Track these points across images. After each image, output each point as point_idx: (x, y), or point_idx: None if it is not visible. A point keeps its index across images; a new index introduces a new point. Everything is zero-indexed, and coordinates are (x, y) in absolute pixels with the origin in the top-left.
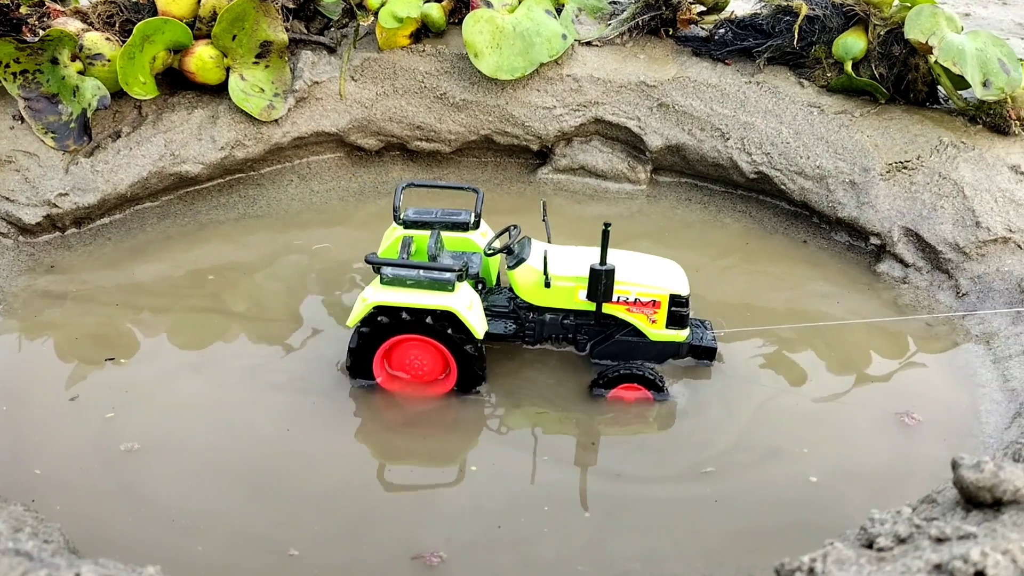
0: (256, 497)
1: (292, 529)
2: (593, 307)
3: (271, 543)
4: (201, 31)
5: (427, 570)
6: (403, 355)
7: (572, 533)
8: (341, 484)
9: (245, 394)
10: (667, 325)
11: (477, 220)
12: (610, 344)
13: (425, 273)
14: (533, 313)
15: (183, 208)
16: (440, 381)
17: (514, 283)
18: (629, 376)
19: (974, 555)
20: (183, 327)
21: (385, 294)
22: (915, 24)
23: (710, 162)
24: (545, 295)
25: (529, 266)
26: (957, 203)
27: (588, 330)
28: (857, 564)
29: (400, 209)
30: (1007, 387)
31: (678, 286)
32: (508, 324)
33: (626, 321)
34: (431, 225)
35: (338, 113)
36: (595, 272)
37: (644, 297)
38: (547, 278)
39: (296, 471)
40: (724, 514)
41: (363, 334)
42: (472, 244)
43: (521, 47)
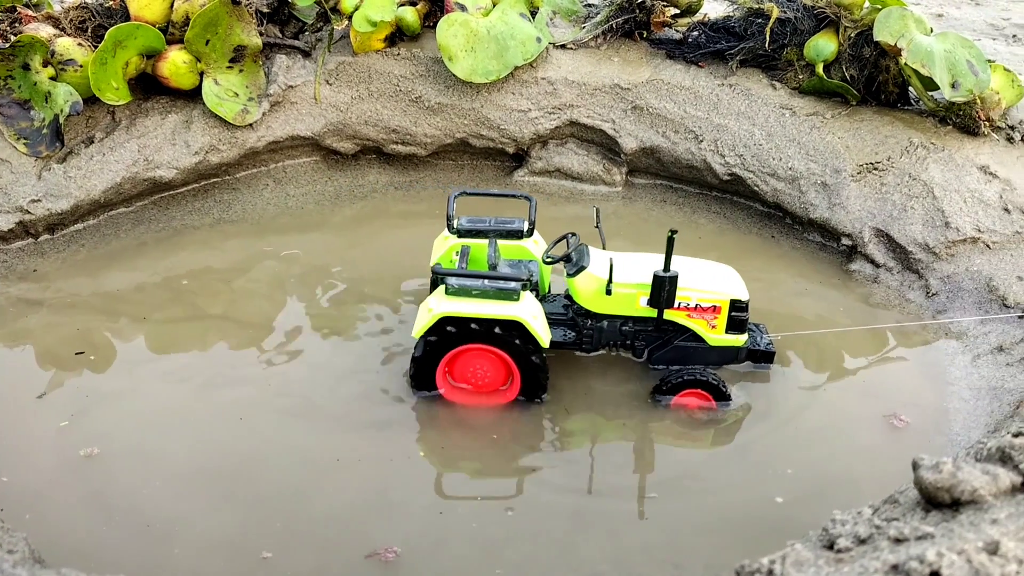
0: (225, 501)
1: (263, 532)
2: (654, 313)
3: (243, 546)
4: (174, 36)
5: (383, 566)
6: (465, 366)
7: (541, 535)
8: (312, 486)
9: (216, 400)
10: (727, 330)
11: (531, 228)
12: (668, 350)
13: (490, 283)
14: (591, 320)
15: (158, 213)
16: (502, 391)
17: (574, 291)
18: (693, 382)
19: (930, 555)
20: (158, 334)
21: (451, 304)
22: (884, 26)
23: (684, 164)
24: (606, 302)
25: (590, 274)
26: (927, 204)
27: (646, 336)
28: (815, 566)
29: (453, 218)
30: (976, 385)
31: (738, 291)
32: (566, 332)
33: (685, 326)
34: (485, 234)
35: (313, 117)
36: (659, 279)
37: (705, 303)
38: (609, 285)
39: (262, 474)
40: (697, 516)
41: (428, 344)
42: (527, 252)
43: (495, 50)
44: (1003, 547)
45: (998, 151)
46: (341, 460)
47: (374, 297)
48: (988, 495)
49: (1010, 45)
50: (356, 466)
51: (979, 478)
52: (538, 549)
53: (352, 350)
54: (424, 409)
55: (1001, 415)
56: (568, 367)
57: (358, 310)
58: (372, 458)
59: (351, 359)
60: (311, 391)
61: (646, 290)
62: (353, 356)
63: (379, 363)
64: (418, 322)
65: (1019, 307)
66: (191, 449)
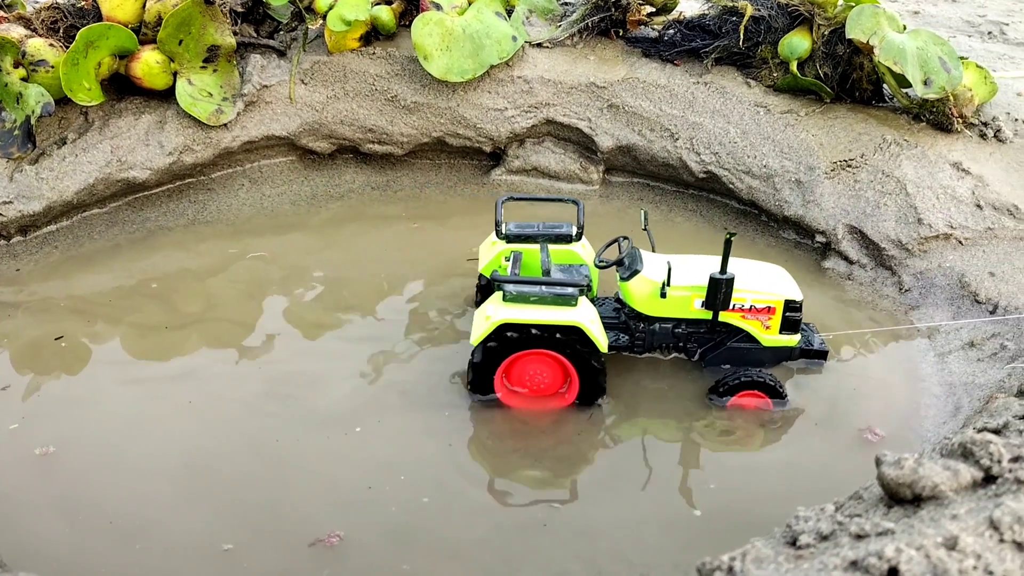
0: (186, 497)
1: (223, 524)
2: (708, 315)
3: (204, 540)
4: (147, 36)
5: (327, 550)
6: (522, 370)
7: (512, 534)
8: (272, 480)
9: (181, 399)
10: (780, 330)
11: (580, 232)
12: (722, 351)
13: (548, 288)
14: (643, 323)
15: (132, 215)
16: (559, 395)
17: (627, 295)
18: (750, 383)
19: (888, 551)
20: (132, 336)
21: (509, 311)
22: (856, 24)
23: (660, 162)
24: (660, 305)
25: (644, 277)
26: (900, 200)
27: (699, 338)
28: (775, 562)
29: (502, 223)
30: (947, 381)
31: (792, 291)
32: (619, 335)
33: (739, 328)
34: (534, 239)
35: (288, 117)
36: (716, 281)
37: (760, 303)
38: (664, 289)
39: (223, 469)
40: (671, 515)
41: (487, 350)
42: (575, 256)
43: (471, 49)
44: (962, 542)
45: (971, 147)
46: (305, 455)
47: (353, 298)
48: (949, 490)
49: (985, 42)
50: (319, 460)
51: (940, 474)
52: (506, 545)
53: (329, 351)
54: (394, 407)
55: (971, 410)
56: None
57: (336, 311)
58: (335, 454)
59: (328, 360)
60: (284, 391)
61: (701, 292)
62: (331, 358)
63: (357, 364)
64: (476, 329)
65: (990, 303)
66: (156, 447)
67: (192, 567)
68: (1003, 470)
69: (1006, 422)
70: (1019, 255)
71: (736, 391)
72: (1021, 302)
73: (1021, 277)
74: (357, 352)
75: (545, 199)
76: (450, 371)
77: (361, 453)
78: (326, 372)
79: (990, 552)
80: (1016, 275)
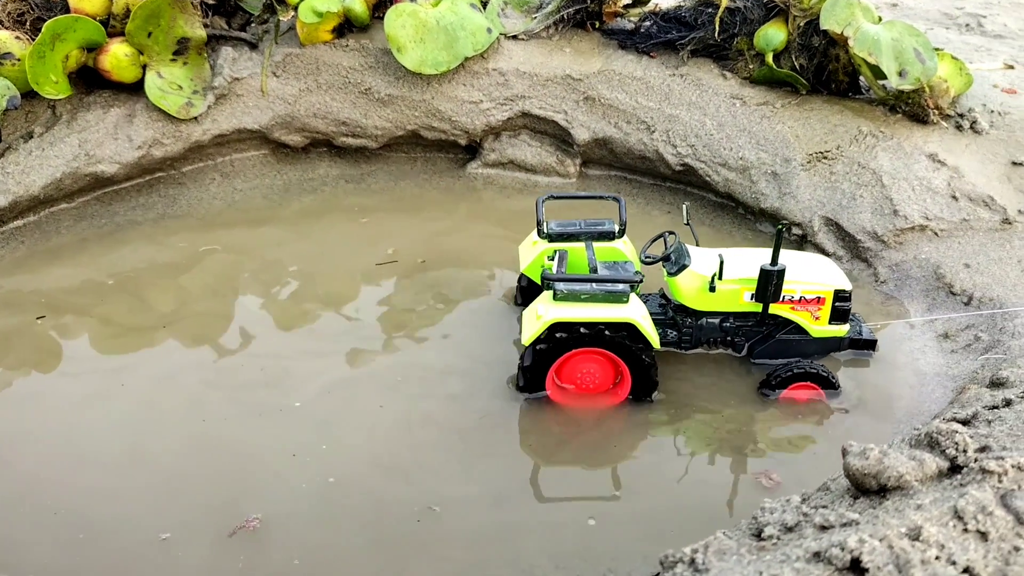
0: (126, 486)
1: (160, 512)
2: (758, 308)
3: (142, 527)
4: (115, 28)
5: (251, 534)
6: (574, 368)
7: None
8: (212, 471)
9: (139, 391)
10: (830, 320)
11: (622, 229)
12: (770, 344)
13: (598, 286)
14: (691, 318)
15: (100, 209)
16: (611, 391)
17: (675, 290)
18: (803, 375)
19: (851, 542)
20: (99, 331)
21: (561, 310)
22: (831, 15)
23: (637, 155)
24: (709, 299)
25: (692, 272)
26: (875, 192)
27: (747, 331)
28: (737, 554)
29: (543, 222)
30: (921, 371)
31: (841, 281)
32: (667, 331)
33: (788, 319)
34: (576, 237)
35: (260, 110)
36: (766, 273)
37: (809, 294)
38: (713, 282)
39: (164, 456)
40: (636, 509)
41: (539, 350)
42: (619, 253)
43: (445, 41)
44: (925, 532)
45: (947, 139)
46: (263, 447)
47: (326, 292)
48: (914, 480)
49: (963, 34)
50: (276, 452)
51: (905, 464)
52: (475, 543)
53: (302, 346)
54: (369, 401)
55: (945, 401)
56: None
57: (310, 305)
58: (296, 445)
59: (301, 355)
60: (256, 385)
61: (750, 285)
62: (304, 352)
63: (331, 358)
64: (527, 329)
65: (965, 294)
66: (103, 439)
67: (133, 555)
68: (968, 460)
69: (975, 412)
70: (994, 246)
71: (788, 383)
72: (996, 293)
73: (996, 268)
74: (331, 346)
75: (585, 196)
76: (424, 364)
77: (325, 445)
78: (299, 367)
79: (953, 542)
80: (991, 266)
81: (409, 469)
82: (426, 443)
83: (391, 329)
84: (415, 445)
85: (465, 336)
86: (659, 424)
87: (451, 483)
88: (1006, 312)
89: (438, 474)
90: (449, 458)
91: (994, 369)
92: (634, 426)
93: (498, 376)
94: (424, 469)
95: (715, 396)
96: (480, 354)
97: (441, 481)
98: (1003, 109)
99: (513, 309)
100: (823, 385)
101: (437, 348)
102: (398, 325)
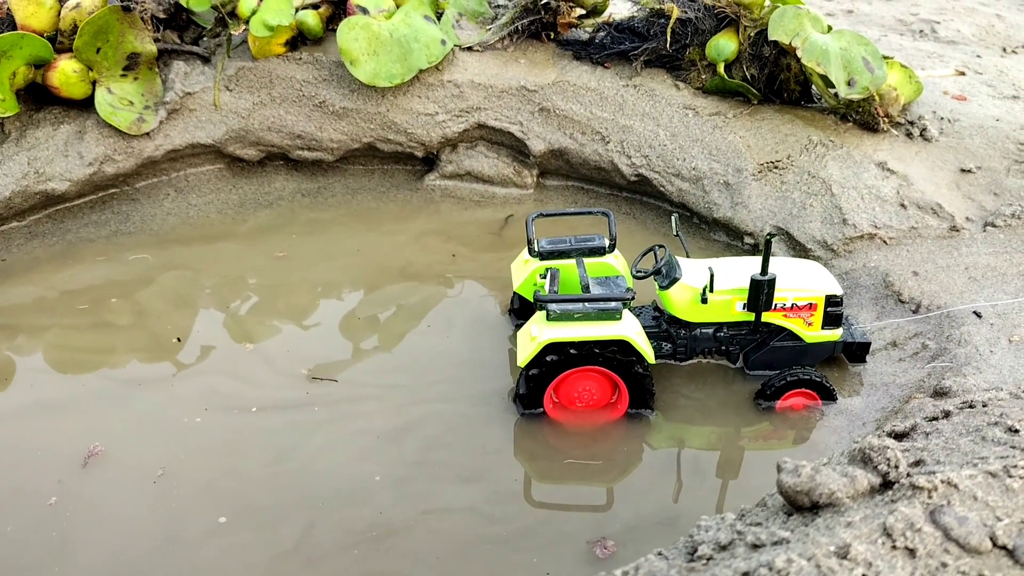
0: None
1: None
2: (750, 317)
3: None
4: (64, 45)
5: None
6: (572, 387)
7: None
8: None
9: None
10: (823, 326)
11: (612, 243)
12: (765, 351)
13: (591, 305)
14: (685, 330)
15: (52, 227)
16: (610, 407)
17: (668, 302)
18: (797, 383)
19: (779, 562)
20: (53, 350)
21: (555, 330)
22: (779, 25)
23: (592, 165)
24: (701, 311)
25: (684, 284)
26: (825, 201)
27: (741, 340)
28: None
29: (534, 241)
30: (869, 381)
31: (832, 286)
32: (661, 344)
33: (781, 327)
34: (567, 254)
35: (213, 124)
36: (757, 283)
37: (801, 301)
38: (705, 294)
39: (129, 476)
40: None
41: (535, 371)
42: (611, 268)
43: (399, 53)
44: (853, 550)
45: (897, 147)
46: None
47: (286, 307)
48: (846, 497)
49: (916, 40)
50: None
51: (836, 480)
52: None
53: (262, 362)
54: (324, 417)
55: (891, 410)
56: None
57: (269, 320)
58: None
59: (261, 371)
60: (216, 403)
61: (742, 295)
62: (264, 368)
63: (290, 376)
64: (522, 351)
65: (913, 302)
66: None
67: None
68: (900, 475)
69: (914, 424)
70: (942, 254)
71: (784, 391)
72: (943, 301)
73: (944, 276)
74: (292, 363)
75: (574, 212)
76: (382, 381)
77: (286, 464)
78: (261, 382)
79: (881, 560)
80: (939, 274)
81: (371, 484)
82: (390, 459)
83: (356, 341)
84: (382, 460)
85: (427, 348)
86: (656, 438)
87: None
88: (952, 318)
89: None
90: (421, 474)
91: (939, 378)
92: (630, 440)
93: (469, 387)
94: (385, 490)
95: (710, 410)
96: (439, 368)
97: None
98: (953, 116)
99: (474, 321)
100: (820, 392)
101: (399, 362)
102: (361, 338)
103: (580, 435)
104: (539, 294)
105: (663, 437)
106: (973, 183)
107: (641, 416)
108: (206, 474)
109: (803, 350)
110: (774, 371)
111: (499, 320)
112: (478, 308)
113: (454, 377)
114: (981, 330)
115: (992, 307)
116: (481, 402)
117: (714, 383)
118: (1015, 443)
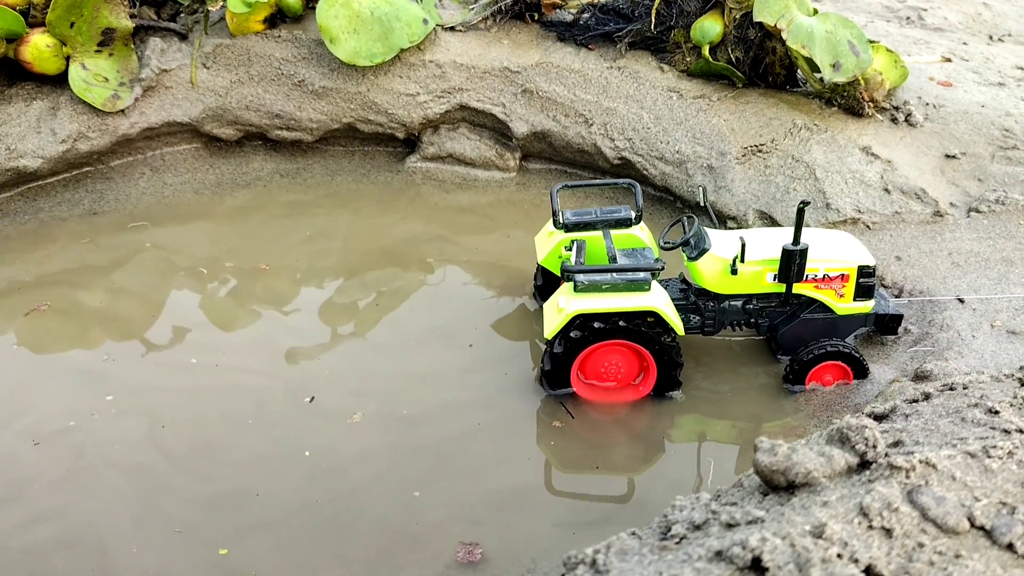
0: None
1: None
2: (781, 288)
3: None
4: (36, 19)
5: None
6: (598, 362)
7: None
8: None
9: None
10: (855, 297)
11: (639, 215)
12: (795, 324)
13: (619, 275)
14: (713, 302)
15: (24, 205)
16: (636, 385)
17: (696, 274)
18: (824, 355)
19: (753, 541)
20: (29, 332)
21: (583, 301)
22: (764, 7)
23: (575, 148)
24: (731, 282)
25: (713, 255)
26: (809, 185)
27: (771, 312)
28: (639, 554)
29: (559, 212)
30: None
31: (864, 257)
32: (690, 316)
33: (812, 299)
34: (593, 226)
35: (190, 102)
36: (788, 252)
37: (833, 272)
38: (735, 265)
39: (116, 456)
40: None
41: (562, 344)
42: (637, 240)
43: (380, 32)
44: (829, 530)
45: (881, 132)
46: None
47: (265, 290)
48: (822, 477)
49: (903, 27)
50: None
51: (813, 460)
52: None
53: (240, 345)
54: (302, 402)
55: (873, 395)
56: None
57: (248, 303)
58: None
59: (240, 355)
60: (199, 387)
61: (773, 266)
62: (243, 352)
63: (270, 359)
64: (548, 322)
65: (896, 287)
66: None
67: None
68: (877, 455)
69: (894, 406)
70: (925, 239)
71: (811, 366)
72: (926, 286)
73: (927, 261)
74: (272, 346)
75: (600, 184)
76: (366, 367)
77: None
78: (237, 367)
79: (857, 539)
80: (922, 259)
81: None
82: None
83: (335, 325)
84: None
85: (408, 333)
86: (680, 421)
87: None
88: (935, 304)
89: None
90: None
91: (921, 362)
92: (652, 424)
93: (455, 372)
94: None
95: (735, 393)
96: (427, 350)
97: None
98: (938, 102)
99: (460, 305)
100: (853, 366)
101: (378, 346)
102: (342, 323)
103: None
104: (566, 264)
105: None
106: (957, 169)
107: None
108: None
109: (834, 323)
110: (802, 345)
111: (486, 303)
112: (461, 291)
113: (439, 360)
114: (964, 315)
115: (980, 300)
116: (470, 386)
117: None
118: (995, 424)
